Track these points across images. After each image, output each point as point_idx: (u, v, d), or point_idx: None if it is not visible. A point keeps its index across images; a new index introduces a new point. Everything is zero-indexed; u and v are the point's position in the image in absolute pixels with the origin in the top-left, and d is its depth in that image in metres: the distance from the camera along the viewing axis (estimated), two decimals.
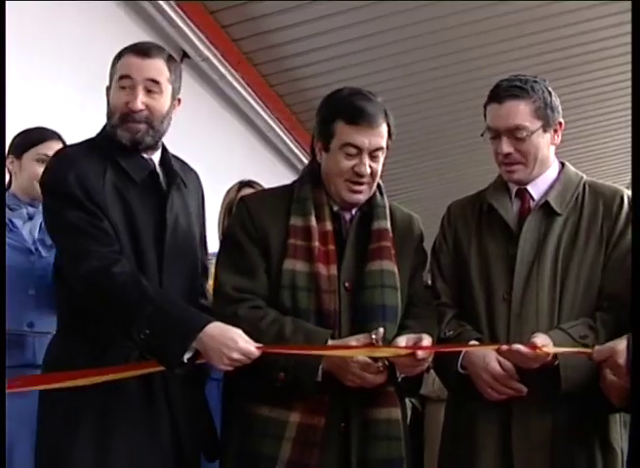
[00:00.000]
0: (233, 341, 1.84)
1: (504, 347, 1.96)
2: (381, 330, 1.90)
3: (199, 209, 2.23)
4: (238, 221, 2.06)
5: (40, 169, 2.57)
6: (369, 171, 2.00)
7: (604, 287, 2.06)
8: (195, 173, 2.28)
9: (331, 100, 2.06)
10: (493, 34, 5.25)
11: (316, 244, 1.98)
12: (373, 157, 2.01)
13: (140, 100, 2.00)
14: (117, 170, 2.01)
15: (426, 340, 1.92)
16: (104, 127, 2.12)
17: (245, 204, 2.07)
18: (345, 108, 1.99)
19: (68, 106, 3.59)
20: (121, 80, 2.00)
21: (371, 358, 1.91)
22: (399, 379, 2.00)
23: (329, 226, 2.02)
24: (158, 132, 2.07)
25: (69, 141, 2.76)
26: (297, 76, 5.51)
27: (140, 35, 4.29)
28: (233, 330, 1.87)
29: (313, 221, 2.00)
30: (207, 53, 4.70)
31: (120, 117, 2.01)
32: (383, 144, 2.02)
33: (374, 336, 1.89)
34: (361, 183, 2.02)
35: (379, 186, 2.11)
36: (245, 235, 2.02)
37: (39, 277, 2.54)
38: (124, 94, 2.01)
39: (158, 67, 2.04)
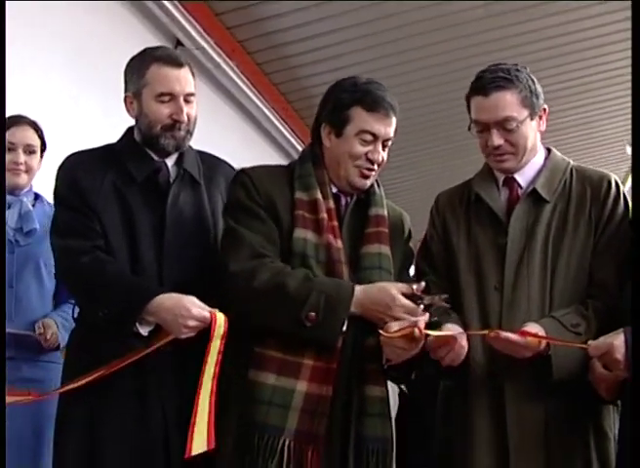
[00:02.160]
0: (187, 310, 1.93)
1: (492, 334, 1.93)
2: (423, 283, 1.92)
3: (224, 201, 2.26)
4: (243, 190, 2.03)
5: (6, 156, 2.59)
6: (381, 159, 2.04)
7: (593, 273, 2.06)
8: (230, 167, 2.32)
9: (347, 87, 2.05)
10: (476, 24, 5.23)
11: (324, 215, 1.99)
12: (383, 146, 2.05)
13: (186, 113, 2.14)
14: (121, 171, 2.12)
15: (422, 324, 1.91)
16: (127, 133, 2.22)
17: (247, 174, 2.05)
18: (366, 95, 2.01)
19: (62, 98, 3.58)
20: (162, 96, 2.11)
21: (412, 301, 1.90)
22: (385, 367, 2.01)
23: (331, 204, 2.04)
24: (191, 135, 2.19)
25: (64, 133, 2.77)
26: (292, 64, 5.50)
27: (134, 24, 4.29)
28: (186, 298, 1.95)
29: (319, 195, 2.02)
30: (201, 41, 4.68)
31: (163, 127, 2.12)
32: (393, 135, 2.05)
33: (415, 287, 1.90)
34: (371, 169, 2.04)
35: None
36: (252, 202, 2.01)
37: (18, 269, 2.53)
38: (164, 106, 2.12)
39: (191, 79, 2.16)
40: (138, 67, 2.14)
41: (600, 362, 1.85)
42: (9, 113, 2.46)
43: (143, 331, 1.99)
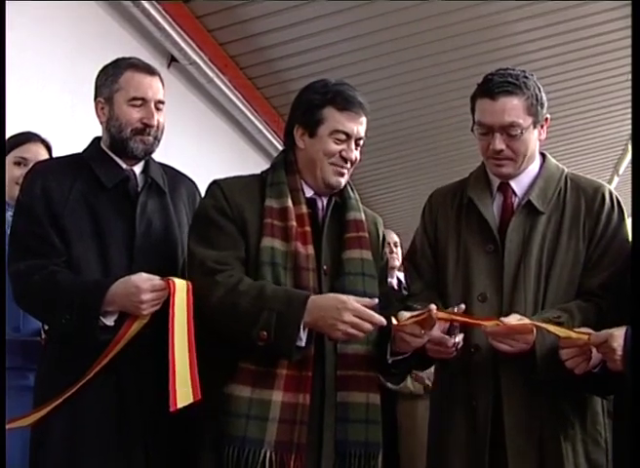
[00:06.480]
0: (136, 287, 1.96)
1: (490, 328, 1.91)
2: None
3: (189, 214, 2.29)
4: (211, 202, 2.05)
5: (17, 171, 2.62)
6: (354, 157, 2.09)
7: (582, 283, 2.06)
8: (190, 181, 2.39)
9: (318, 88, 2.09)
10: (475, 35, 5.34)
11: (293, 223, 2.00)
12: (356, 145, 2.09)
13: (155, 119, 2.18)
14: (89, 179, 2.15)
15: (433, 306, 1.91)
16: (93, 142, 2.26)
17: (218, 185, 2.07)
18: (337, 96, 2.04)
19: (58, 109, 3.66)
20: (134, 100, 2.16)
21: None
22: (389, 361, 2.01)
23: (304, 209, 2.05)
24: (159, 142, 2.24)
25: (59, 143, 2.83)
26: (284, 78, 5.59)
27: (128, 41, 4.38)
28: (132, 277, 1.98)
29: (289, 203, 2.03)
30: (194, 57, 4.77)
31: (133, 131, 2.17)
32: (364, 134, 2.10)
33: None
34: (345, 167, 2.07)
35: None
36: (219, 214, 2.02)
37: None
38: (135, 110, 2.17)
39: (162, 88, 2.22)
40: (111, 73, 2.19)
41: (599, 351, 1.85)
42: (7, 124, 2.53)
43: (109, 322, 2.01)
